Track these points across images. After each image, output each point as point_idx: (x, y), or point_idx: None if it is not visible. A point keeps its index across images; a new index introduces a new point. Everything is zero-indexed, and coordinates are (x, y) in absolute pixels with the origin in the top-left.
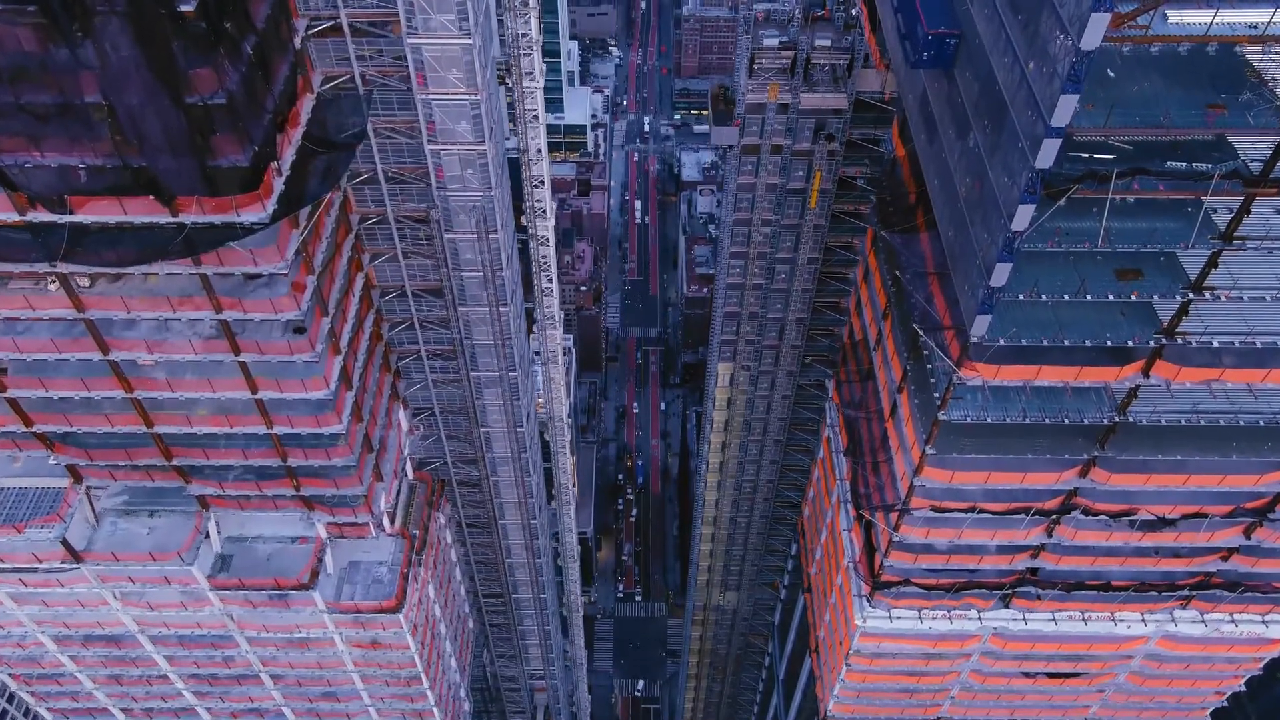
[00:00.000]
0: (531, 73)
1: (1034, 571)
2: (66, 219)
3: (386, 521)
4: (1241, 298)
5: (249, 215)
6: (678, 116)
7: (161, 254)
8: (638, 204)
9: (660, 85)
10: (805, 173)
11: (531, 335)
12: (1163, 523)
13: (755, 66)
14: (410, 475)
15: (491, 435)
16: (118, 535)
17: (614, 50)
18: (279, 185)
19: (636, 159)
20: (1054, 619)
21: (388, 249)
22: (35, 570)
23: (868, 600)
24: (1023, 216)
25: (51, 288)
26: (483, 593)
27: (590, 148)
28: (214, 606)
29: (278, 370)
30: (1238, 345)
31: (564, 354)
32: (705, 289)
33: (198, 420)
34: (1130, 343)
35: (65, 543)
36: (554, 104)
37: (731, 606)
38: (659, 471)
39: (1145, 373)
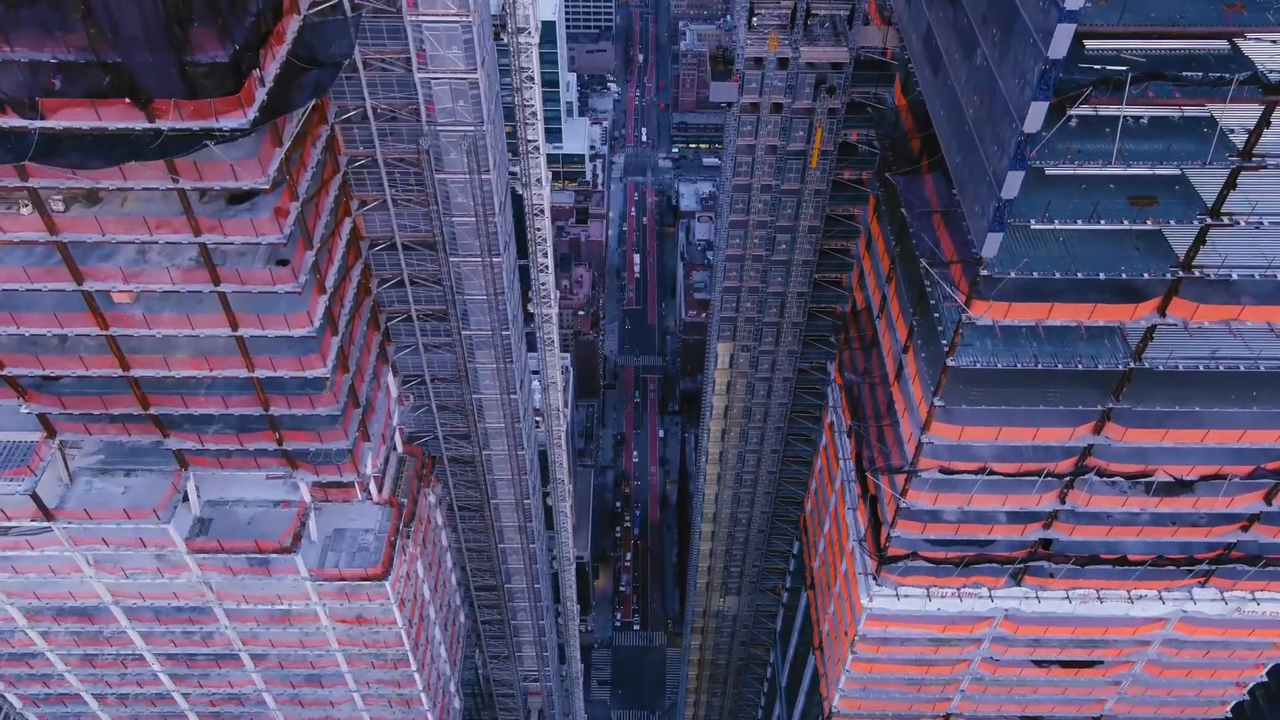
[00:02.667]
0: (526, 28)
1: (1047, 545)
2: (38, 124)
3: (374, 488)
4: (1261, 223)
5: (229, 121)
6: (676, 150)
7: (138, 155)
8: (636, 235)
9: (658, 119)
10: (806, 133)
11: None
12: (1180, 485)
13: (754, 19)
14: (400, 448)
15: (484, 403)
16: (92, 494)
17: (612, 86)
18: (261, 95)
19: (635, 194)
20: (1068, 597)
21: (377, 195)
22: (5, 531)
23: (874, 578)
24: (1035, 116)
25: (24, 210)
26: (475, 585)
27: (589, 177)
28: (191, 573)
29: (259, 304)
30: (1258, 277)
31: (562, 372)
32: (703, 314)
33: (176, 363)
34: (1146, 275)
35: (35, 497)
36: (553, 134)
37: (732, 612)
38: (657, 499)
39: (1161, 311)
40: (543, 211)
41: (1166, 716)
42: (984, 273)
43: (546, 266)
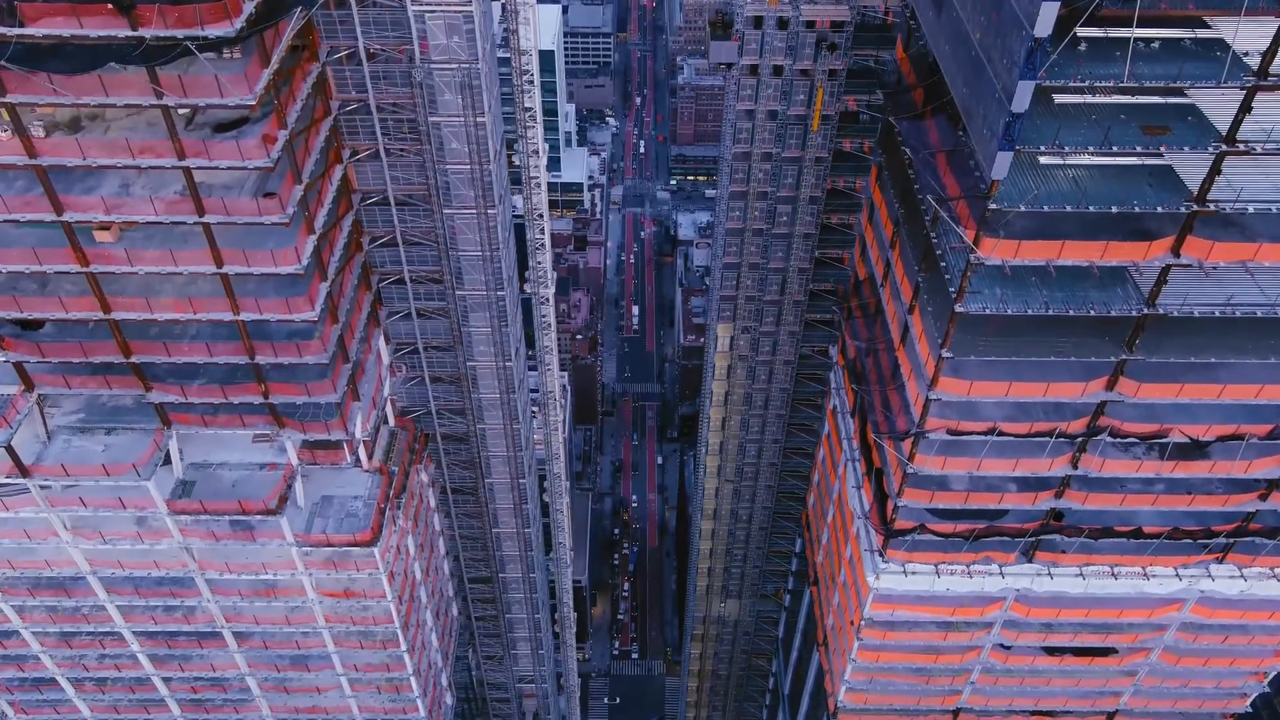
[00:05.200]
0: None
1: (1059, 517)
2: (16, 31)
3: (363, 454)
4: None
5: (215, 30)
6: (674, 182)
7: (121, 61)
8: (634, 270)
9: (657, 152)
10: (807, 97)
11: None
12: (1196, 447)
13: None
14: (392, 421)
15: (478, 371)
16: (71, 451)
17: (610, 120)
18: (249, 7)
19: (635, 237)
20: (1081, 574)
21: (369, 144)
22: None
23: (880, 555)
24: (1046, 18)
25: (3, 134)
26: (469, 577)
27: (586, 205)
28: (172, 539)
29: (245, 239)
30: (1275, 211)
31: (561, 388)
32: (702, 338)
33: (159, 305)
34: (1159, 209)
35: (11, 451)
36: (551, 163)
37: (733, 617)
38: (655, 526)
39: (1175, 251)
40: (539, 185)
41: (1184, 711)
42: (992, 206)
43: (543, 244)
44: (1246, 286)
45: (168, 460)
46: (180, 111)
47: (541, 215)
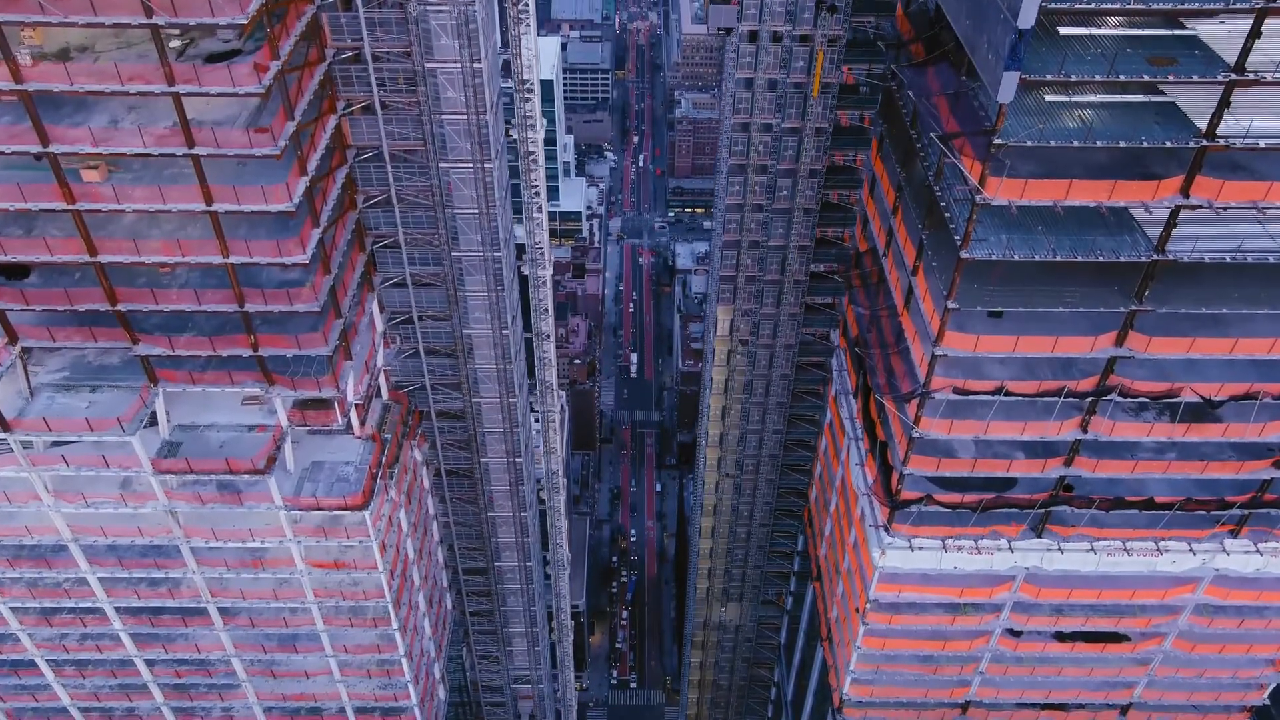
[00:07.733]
0: None
1: (1068, 489)
2: None
3: (355, 419)
4: None
5: None
6: (671, 214)
7: None
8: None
9: (655, 185)
10: (806, 63)
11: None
12: (1208, 408)
13: None
14: (385, 395)
15: (475, 340)
16: (54, 407)
17: (609, 154)
18: None
19: (633, 256)
20: (1092, 548)
21: (364, 95)
22: None
23: (886, 530)
24: None
25: None
26: (463, 568)
27: (585, 234)
28: (157, 502)
29: (236, 175)
30: None
31: (559, 409)
32: (700, 363)
33: (147, 249)
34: (1167, 144)
35: None
36: (550, 192)
37: (734, 622)
38: (654, 553)
39: (1184, 192)
40: (537, 163)
41: (1199, 704)
42: (998, 140)
43: (540, 225)
44: (1257, 233)
45: (154, 421)
46: (172, 45)
47: (539, 194)
